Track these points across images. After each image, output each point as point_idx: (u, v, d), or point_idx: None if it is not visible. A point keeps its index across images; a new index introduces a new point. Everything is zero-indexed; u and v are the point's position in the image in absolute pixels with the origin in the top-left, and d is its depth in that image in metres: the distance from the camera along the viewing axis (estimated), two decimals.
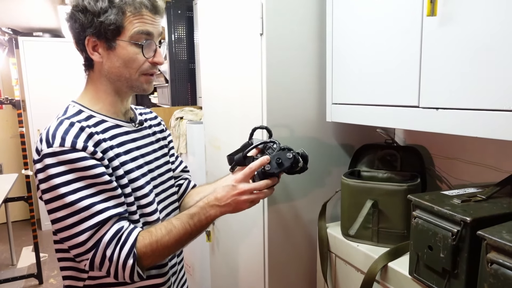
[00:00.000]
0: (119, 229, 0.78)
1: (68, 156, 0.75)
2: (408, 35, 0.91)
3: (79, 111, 0.86)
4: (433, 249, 0.80)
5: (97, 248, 0.76)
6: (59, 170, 0.74)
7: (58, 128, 0.77)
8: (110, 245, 0.77)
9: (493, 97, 0.75)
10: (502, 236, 0.64)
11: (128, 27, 0.82)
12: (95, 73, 0.88)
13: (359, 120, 1.11)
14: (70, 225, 0.75)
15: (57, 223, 0.76)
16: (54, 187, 0.74)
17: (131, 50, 0.84)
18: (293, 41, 1.21)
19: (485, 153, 1.11)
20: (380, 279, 0.99)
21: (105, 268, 0.77)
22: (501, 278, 0.62)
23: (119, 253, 0.77)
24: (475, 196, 0.85)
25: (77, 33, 0.83)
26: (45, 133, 0.78)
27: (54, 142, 0.75)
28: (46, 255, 3.41)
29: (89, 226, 0.76)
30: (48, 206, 0.76)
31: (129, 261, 0.76)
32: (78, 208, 0.75)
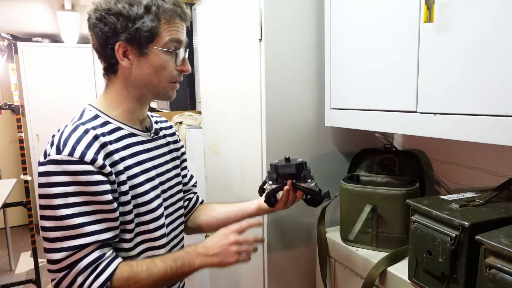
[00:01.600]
0: (99, 257, 0.75)
1: (73, 167, 0.73)
2: (405, 41, 0.92)
3: (96, 116, 0.84)
4: (432, 254, 0.80)
5: (70, 270, 0.74)
6: (60, 180, 0.73)
7: (72, 135, 0.76)
8: (84, 272, 0.74)
9: (490, 102, 0.75)
10: (500, 241, 0.64)
11: (163, 35, 0.82)
12: (119, 78, 0.85)
13: (358, 125, 1.11)
14: (53, 238, 0.74)
15: (43, 231, 0.75)
16: (51, 196, 0.73)
17: (163, 58, 0.83)
18: (292, 47, 1.22)
19: (483, 157, 1.12)
20: (379, 284, 0.99)
21: None
22: (500, 283, 0.62)
23: (92, 282, 0.74)
24: (473, 200, 0.86)
25: (106, 37, 0.80)
26: (57, 137, 0.77)
27: (64, 150, 0.73)
28: (45, 261, 3.39)
29: (70, 246, 0.73)
30: (41, 211, 0.75)
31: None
32: (67, 224, 0.73)
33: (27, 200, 2.87)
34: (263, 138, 1.22)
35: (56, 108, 3.99)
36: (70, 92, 4.04)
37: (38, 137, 3.96)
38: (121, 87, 0.86)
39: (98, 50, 0.84)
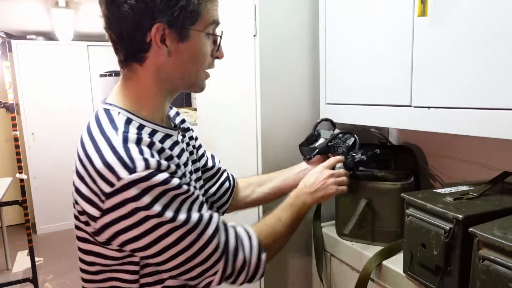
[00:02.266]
0: (234, 230, 0.74)
1: (157, 179, 0.62)
2: (399, 36, 0.92)
3: (129, 121, 0.69)
4: (427, 247, 0.81)
5: (227, 255, 0.71)
6: (154, 195, 0.62)
7: (130, 147, 0.63)
8: (238, 248, 0.73)
9: (484, 95, 0.76)
10: (493, 233, 0.65)
11: (205, 15, 0.70)
12: (147, 69, 0.70)
13: (352, 120, 1.12)
14: (188, 244, 0.66)
15: (167, 251, 0.65)
16: (158, 215, 0.63)
17: (204, 43, 0.72)
18: (287, 42, 1.21)
19: (477, 151, 1.12)
20: (375, 278, 0.99)
21: (244, 273, 0.74)
22: (493, 274, 0.62)
23: (250, 250, 0.74)
24: (467, 194, 0.86)
25: (138, 18, 0.65)
26: (110, 156, 0.62)
27: (137, 166, 0.61)
28: (42, 259, 3.38)
29: (210, 237, 0.68)
30: (147, 238, 0.63)
31: (262, 257, 0.76)
32: (191, 225, 0.66)
33: (23, 199, 2.86)
34: (258, 134, 1.22)
35: (51, 107, 3.97)
36: (65, 90, 4.02)
37: (34, 136, 3.94)
38: (150, 79, 0.71)
39: (120, 35, 0.68)
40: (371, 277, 0.99)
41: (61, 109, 4.03)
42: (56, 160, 4.05)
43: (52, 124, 4.01)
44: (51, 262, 3.35)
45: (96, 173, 0.62)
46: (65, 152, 4.08)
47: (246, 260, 0.74)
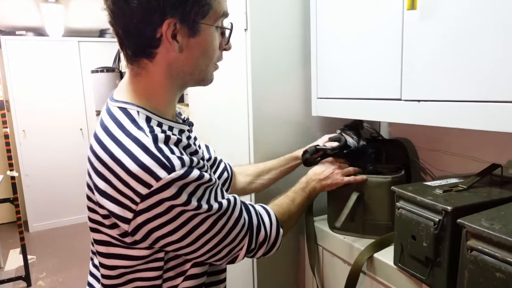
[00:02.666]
0: (254, 208, 0.79)
1: (193, 175, 0.64)
2: (389, 29, 0.93)
3: (148, 119, 0.67)
4: (416, 239, 0.81)
5: (251, 231, 0.75)
6: (190, 191, 0.64)
7: (162, 148, 0.63)
8: (260, 224, 0.78)
9: (474, 88, 0.76)
10: (481, 224, 0.65)
11: (216, 8, 0.68)
12: (157, 65, 0.68)
13: (344, 114, 1.12)
14: (219, 229, 0.69)
15: (199, 240, 0.67)
16: (192, 209, 0.64)
17: (214, 36, 0.71)
18: (278, 36, 1.21)
19: (467, 144, 1.13)
20: (366, 270, 1.00)
21: (264, 247, 0.79)
22: (480, 264, 0.63)
23: (270, 228, 0.79)
24: (457, 186, 0.87)
25: (149, 13, 0.62)
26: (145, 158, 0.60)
27: (174, 165, 0.62)
28: (34, 257, 3.36)
29: (237, 218, 0.72)
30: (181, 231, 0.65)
31: (280, 232, 0.82)
32: (223, 210, 0.69)
33: (14, 196, 2.83)
34: (250, 129, 1.22)
35: (42, 103, 3.93)
36: (56, 87, 3.98)
37: (25, 133, 3.90)
38: (161, 75, 0.69)
39: (127, 30, 0.65)
40: (363, 269, 1.00)
41: (53, 106, 3.99)
42: (48, 157, 4.02)
43: (44, 121, 3.97)
44: (44, 260, 3.33)
45: (130, 176, 0.60)
46: (57, 149, 4.05)
47: (267, 235, 0.79)
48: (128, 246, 0.68)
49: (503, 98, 0.72)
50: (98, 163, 0.64)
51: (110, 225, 0.67)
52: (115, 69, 3.51)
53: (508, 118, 0.71)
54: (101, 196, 0.65)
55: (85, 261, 3.25)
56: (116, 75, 3.50)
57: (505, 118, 0.72)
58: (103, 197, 0.64)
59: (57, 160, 4.07)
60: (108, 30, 4.13)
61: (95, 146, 0.66)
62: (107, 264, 0.71)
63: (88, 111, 4.13)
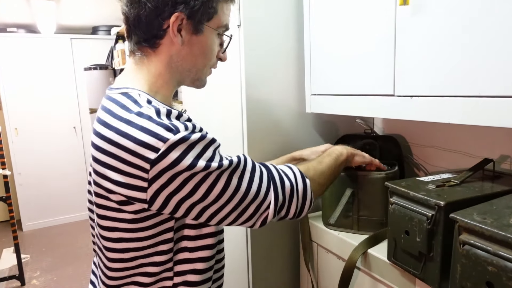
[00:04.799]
0: (270, 164, 0.78)
1: (196, 136, 0.66)
2: (382, 25, 0.93)
3: (149, 101, 0.69)
4: (410, 234, 0.82)
5: (275, 183, 0.74)
6: (197, 151, 0.65)
7: (163, 118, 0.65)
8: (282, 175, 0.76)
9: (466, 83, 0.77)
10: (473, 218, 0.66)
11: (220, 15, 0.75)
12: (159, 57, 0.73)
13: (337, 110, 1.12)
14: (237, 183, 0.69)
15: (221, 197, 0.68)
16: (203, 169, 0.65)
17: (214, 40, 0.77)
18: (271, 33, 1.21)
19: (459, 140, 1.14)
20: (360, 266, 1.01)
21: (294, 200, 0.76)
22: (473, 258, 0.64)
23: (295, 178, 0.77)
24: (449, 181, 0.88)
25: (160, 4, 0.68)
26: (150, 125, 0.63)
27: (179, 127, 0.64)
28: (28, 256, 3.34)
29: (252, 170, 0.72)
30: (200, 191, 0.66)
31: (307, 182, 0.79)
32: (234, 164, 0.70)
33: (7, 195, 2.81)
34: (244, 126, 1.22)
35: (35, 101, 3.90)
36: (49, 84, 3.95)
37: (17, 131, 3.86)
38: (162, 66, 0.74)
39: (139, 18, 0.70)
40: (357, 265, 1.00)
41: (45, 104, 3.95)
42: (41, 155, 3.98)
43: (36, 119, 3.93)
44: (38, 259, 3.31)
45: (137, 145, 0.62)
46: (50, 147, 4.02)
47: (293, 185, 0.77)
48: (134, 228, 0.69)
49: (495, 93, 0.72)
50: (105, 143, 0.65)
51: (119, 201, 0.67)
52: (108, 67, 3.49)
53: (500, 113, 0.72)
54: (115, 172, 0.65)
55: (79, 259, 3.23)
56: (109, 72, 3.47)
57: (496, 112, 0.72)
58: (116, 172, 0.65)
59: (51, 159, 4.04)
60: (101, 27, 4.10)
61: (100, 128, 0.68)
62: (118, 248, 0.72)
63: (82, 109, 4.10)
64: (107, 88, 0.76)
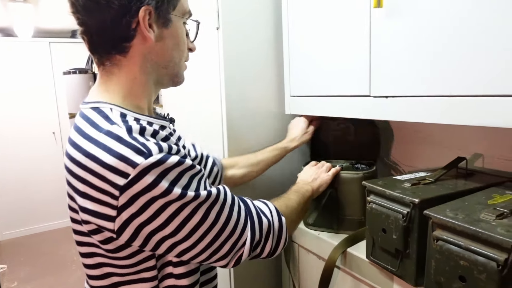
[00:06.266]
0: (248, 199, 0.75)
1: (172, 161, 0.60)
2: (357, 27, 0.94)
3: (123, 115, 0.65)
4: (387, 232, 0.83)
5: (252, 220, 0.70)
6: (172, 178, 0.60)
7: (136, 137, 0.60)
8: (259, 212, 0.73)
9: (439, 83, 0.79)
10: (446, 214, 0.67)
11: (183, 2, 0.71)
12: (131, 60, 0.67)
13: (316, 111, 1.13)
14: (215, 218, 0.64)
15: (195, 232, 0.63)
16: (177, 198, 0.60)
17: (182, 29, 0.73)
18: (250, 35, 1.21)
19: (434, 139, 1.17)
20: (340, 265, 1.01)
21: (270, 238, 0.73)
22: (446, 253, 0.65)
23: (271, 215, 0.75)
24: (424, 179, 0.90)
25: (125, 3, 0.62)
26: (119, 147, 0.58)
27: (151, 149, 0.58)
28: (5, 267, 3.24)
29: (231, 205, 0.68)
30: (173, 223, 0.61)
31: (283, 219, 0.77)
32: (213, 197, 0.65)
33: None
34: (224, 128, 1.21)
35: (12, 106, 3.80)
36: (27, 89, 3.86)
37: None
38: (136, 70, 0.68)
39: (103, 24, 0.63)
40: (337, 264, 1.01)
41: (23, 109, 3.86)
42: (19, 162, 3.88)
43: (14, 124, 3.83)
44: (15, 269, 3.21)
45: (105, 169, 0.57)
46: (29, 154, 3.92)
47: (270, 222, 0.74)
48: (114, 257, 0.65)
49: (467, 93, 0.74)
50: (74, 166, 0.62)
51: (92, 230, 0.63)
52: (88, 71, 3.43)
53: (472, 112, 0.74)
54: (83, 198, 0.61)
55: (60, 268, 3.16)
56: (89, 76, 3.42)
57: (469, 111, 0.74)
58: (84, 198, 0.61)
59: (29, 165, 3.94)
60: None
61: (70, 150, 0.64)
62: (99, 274, 0.68)
63: (61, 114, 4.02)
64: (81, 103, 0.71)
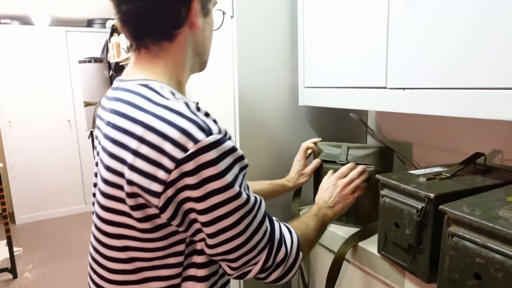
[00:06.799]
0: (277, 221, 0.71)
1: (229, 144, 0.59)
2: (375, 17, 0.92)
3: (172, 93, 0.64)
4: (400, 226, 0.82)
5: (272, 246, 0.67)
6: (228, 162, 0.58)
7: (195, 112, 0.59)
8: (282, 240, 0.69)
9: (459, 75, 0.76)
10: (462, 210, 0.66)
11: None
12: (176, 46, 0.68)
13: (330, 103, 1.11)
14: (244, 228, 0.62)
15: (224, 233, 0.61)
16: (227, 186, 0.58)
17: (213, 18, 0.74)
18: (265, 24, 1.20)
19: (450, 135, 1.14)
20: (350, 259, 1.00)
21: (280, 269, 0.69)
22: (461, 250, 0.63)
23: (291, 248, 0.70)
24: (440, 174, 0.87)
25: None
26: (181, 121, 0.56)
27: (212, 128, 0.57)
28: (21, 249, 3.32)
29: (260, 222, 0.64)
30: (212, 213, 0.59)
31: (300, 255, 0.72)
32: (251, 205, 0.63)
33: None
34: (236, 119, 1.21)
35: (29, 94, 3.86)
36: (43, 77, 3.91)
37: (11, 124, 3.83)
38: (181, 57, 0.69)
39: (159, 12, 0.64)
40: (347, 258, 1.00)
41: (39, 97, 3.92)
42: (35, 149, 3.96)
43: (30, 112, 3.90)
44: (31, 252, 3.29)
45: (165, 140, 0.55)
46: (44, 141, 3.99)
47: (287, 254, 0.70)
48: (146, 238, 0.63)
49: (489, 85, 0.71)
50: (126, 136, 0.59)
51: (135, 206, 0.60)
52: (103, 60, 3.46)
53: (494, 105, 0.71)
54: (131, 170, 0.58)
55: (72, 253, 3.22)
56: (104, 65, 3.44)
57: (491, 105, 0.71)
58: (132, 171, 0.58)
59: (44, 152, 4.01)
60: (96, 20, 4.06)
61: (119, 120, 0.61)
62: (122, 257, 0.65)
63: (76, 103, 4.07)
64: (115, 80, 0.71)
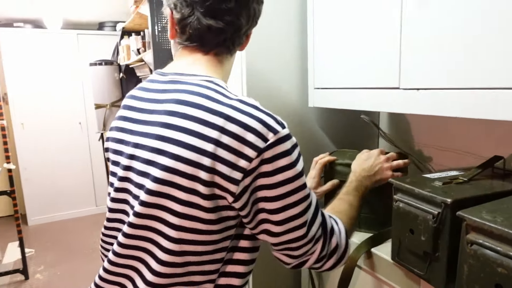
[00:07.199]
0: (327, 217, 0.72)
1: (294, 139, 0.64)
2: (388, 16, 0.89)
3: None
4: (414, 233, 0.78)
5: (325, 235, 0.69)
6: (296, 155, 0.63)
7: (261, 107, 0.64)
8: (333, 229, 0.71)
9: (473, 75, 0.73)
10: (482, 216, 0.62)
11: None
12: (230, 60, 0.77)
13: (341, 104, 1.09)
14: (307, 219, 0.65)
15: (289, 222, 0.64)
16: (298, 175, 0.63)
17: None
18: (274, 24, 1.18)
19: (466, 138, 1.10)
20: (362, 265, 0.97)
21: (334, 257, 0.71)
22: (481, 259, 0.60)
23: (340, 236, 0.72)
24: (457, 178, 0.84)
25: (254, 22, 0.75)
26: (260, 113, 0.61)
27: (283, 122, 0.63)
28: (33, 251, 3.35)
29: (315, 213, 0.67)
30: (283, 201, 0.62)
31: (349, 242, 0.74)
32: (311, 198, 0.67)
33: (11, 189, 2.81)
34: None
35: (41, 96, 3.91)
36: (55, 80, 3.95)
37: (23, 126, 3.88)
38: (229, 68, 0.79)
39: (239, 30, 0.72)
40: (359, 264, 0.97)
41: (51, 99, 3.96)
42: (47, 151, 3.99)
43: (42, 114, 3.94)
44: (42, 254, 3.32)
45: (247, 131, 0.59)
46: (56, 143, 4.03)
47: (338, 243, 0.72)
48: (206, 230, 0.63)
49: (507, 85, 0.68)
50: (204, 127, 0.60)
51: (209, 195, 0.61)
52: (113, 62, 3.48)
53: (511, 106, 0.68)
54: (212, 159, 0.59)
55: (83, 255, 3.24)
56: (115, 68, 3.47)
57: (509, 105, 0.68)
58: (213, 159, 0.59)
59: (56, 154, 4.05)
60: (107, 23, 4.09)
61: (193, 111, 0.62)
62: (176, 250, 0.64)
63: (87, 105, 4.10)
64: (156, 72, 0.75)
